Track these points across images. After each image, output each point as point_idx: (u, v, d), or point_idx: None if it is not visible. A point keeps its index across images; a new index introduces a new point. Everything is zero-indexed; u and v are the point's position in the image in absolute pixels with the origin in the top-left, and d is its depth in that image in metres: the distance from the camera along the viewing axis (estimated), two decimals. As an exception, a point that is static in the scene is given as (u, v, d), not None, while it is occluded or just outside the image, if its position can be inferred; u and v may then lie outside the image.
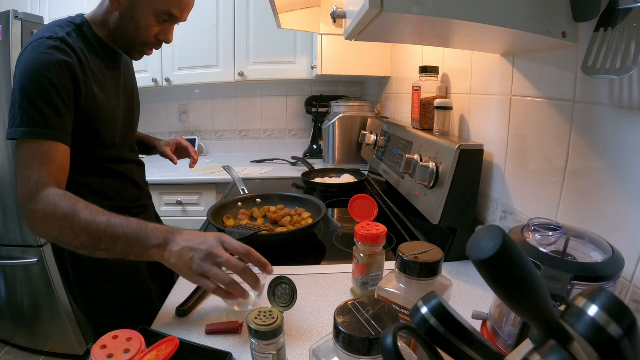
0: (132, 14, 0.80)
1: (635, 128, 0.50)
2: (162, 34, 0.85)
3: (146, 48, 0.87)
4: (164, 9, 0.80)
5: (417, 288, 0.48)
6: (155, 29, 0.83)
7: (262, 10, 2.05)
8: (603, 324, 0.21)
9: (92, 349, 0.43)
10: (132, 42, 0.85)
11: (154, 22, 0.82)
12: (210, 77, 2.16)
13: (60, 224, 0.64)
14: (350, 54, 1.78)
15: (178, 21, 0.85)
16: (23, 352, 1.88)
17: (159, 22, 0.82)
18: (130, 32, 0.82)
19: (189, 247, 0.62)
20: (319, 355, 0.37)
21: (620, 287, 0.52)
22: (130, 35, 0.83)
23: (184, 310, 0.67)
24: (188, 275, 0.61)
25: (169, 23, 0.84)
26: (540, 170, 0.71)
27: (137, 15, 0.80)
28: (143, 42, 0.85)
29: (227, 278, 0.59)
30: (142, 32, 0.82)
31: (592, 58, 0.51)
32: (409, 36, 0.78)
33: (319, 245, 1.01)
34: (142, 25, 0.81)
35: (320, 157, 2.21)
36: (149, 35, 0.83)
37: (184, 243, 0.63)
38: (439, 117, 1.00)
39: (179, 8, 0.81)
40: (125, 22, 0.81)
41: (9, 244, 1.69)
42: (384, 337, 0.28)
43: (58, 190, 0.68)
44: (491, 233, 0.23)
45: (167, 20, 0.83)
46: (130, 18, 0.81)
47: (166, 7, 0.80)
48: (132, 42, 0.85)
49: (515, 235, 0.49)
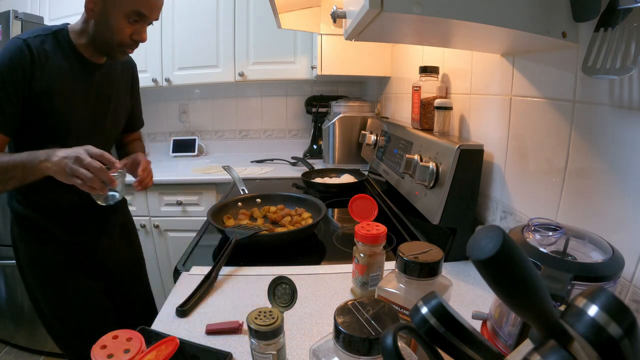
0: (105, 19, 0.87)
1: (635, 128, 0.50)
2: (135, 34, 0.91)
3: (124, 48, 0.93)
4: (132, 9, 0.86)
5: (417, 288, 0.48)
6: (128, 29, 0.89)
7: (262, 10, 2.05)
8: (603, 324, 0.21)
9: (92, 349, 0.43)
10: (109, 45, 0.91)
11: (125, 24, 0.88)
12: (210, 77, 2.16)
13: None
14: (350, 54, 1.78)
15: (149, 20, 0.91)
16: (23, 352, 1.88)
17: (131, 23, 0.89)
18: (106, 35, 0.89)
19: (63, 156, 0.79)
20: (319, 355, 0.37)
21: (620, 287, 0.52)
22: (107, 39, 0.90)
23: (183, 310, 0.67)
24: (64, 176, 0.79)
25: (140, 23, 0.90)
26: (540, 170, 0.71)
27: (109, 20, 0.87)
28: (119, 44, 0.91)
29: (88, 175, 0.78)
30: (116, 34, 0.89)
31: (592, 58, 0.51)
32: (409, 36, 0.78)
33: (319, 245, 1.01)
34: (115, 28, 0.88)
35: (320, 157, 2.21)
36: (123, 37, 0.89)
37: (61, 154, 0.80)
38: (439, 117, 1.00)
39: (147, 7, 0.87)
40: (101, 28, 0.89)
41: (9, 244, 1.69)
42: (384, 337, 0.28)
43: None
44: (491, 233, 0.23)
45: (137, 20, 0.89)
46: (105, 23, 0.88)
47: (134, 7, 0.86)
48: (109, 45, 0.91)
49: (515, 235, 0.49)
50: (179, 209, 1.91)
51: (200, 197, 1.90)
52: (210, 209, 1.07)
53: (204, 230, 1.10)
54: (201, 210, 1.89)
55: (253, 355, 0.51)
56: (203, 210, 1.89)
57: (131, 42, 0.92)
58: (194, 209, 1.91)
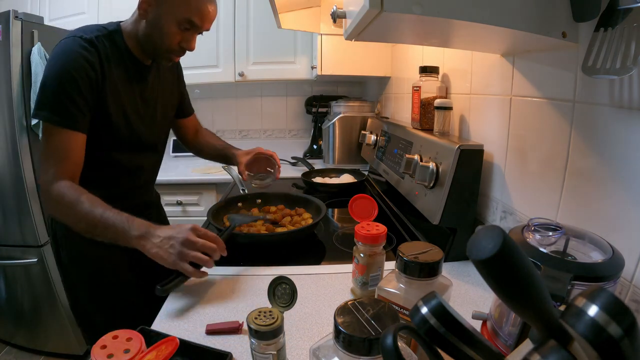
0: (157, 22, 0.86)
1: (635, 128, 0.50)
2: (184, 41, 0.90)
3: (171, 55, 0.92)
4: (185, 17, 0.85)
5: (417, 288, 0.48)
6: (177, 36, 0.88)
7: (262, 10, 2.05)
8: (603, 324, 0.21)
9: (92, 349, 0.43)
10: (157, 49, 0.90)
11: (176, 30, 0.87)
12: (210, 77, 2.16)
13: (66, 211, 0.79)
14: (350, 54, 1.78)
15: (200, 30, 0.90)
16: (23, 352, 1.87)
17: (181, 30, 0.88)
18: (156, 39, 0.88)
19: (167, 236, 0.73)
20: (319, 355, 0.37)
21: (620, 287, 0.52)
22: (155, 43, 0.89)
23: (164, 289, 0.68)
24: (169, 261, 0.71)
25: (190, 31, 0.89)
26: (540, 170, 0.71)
27: (161, 23, 0.86)
28: (167, 49, 0.90)
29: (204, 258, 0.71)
30: (165, 39, 0.87)
31: (592, 58, 0.51)
32: (409, 36, 0.78)
33: (319, 245, 1.01)
34: (166, 32, 0.86)
35: (320, 157, 2.21)
36: (172, 43, 0.88)
37: (163, 234, 0.74)
38: (439, 117, 1.00)
39: (199, 17, 0.87)
40: (151, 30, 0.87)
41: (8, 244, 1.69)
42: (384, 337, 0.28)
43: (68, 182, 0.81)
44: (491, 233, 0.23)
45: (188, 28, 0.88)
46: (156, 26, 0.86)
47: (187, 15, 0.85)
48: (157, 49, 0.90)
49: (515, 235, 0.49)
50: (179, 209, 1.91)
51: (200, 197, 1.90)
52: (210, 209, 1.07)
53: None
54: (201, 210, 1.89)
55: (253, 355, 0.51)
56: (203, 210, 1.89)
57: (179, 49, 0.91)
58: (194, 209, 1.91)
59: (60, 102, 0.80)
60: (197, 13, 0.86)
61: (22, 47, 1.54)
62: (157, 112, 1.04)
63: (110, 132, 0.90)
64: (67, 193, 0.79)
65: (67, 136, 0.81)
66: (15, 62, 1.52)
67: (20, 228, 1.67)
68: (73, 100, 0.80)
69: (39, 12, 2.06)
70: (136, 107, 0.96)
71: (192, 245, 0.71)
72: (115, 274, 1.00)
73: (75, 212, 0.78)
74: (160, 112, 1.06)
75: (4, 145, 1.58)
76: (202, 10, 0.87)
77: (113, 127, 0.90)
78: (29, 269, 1.70)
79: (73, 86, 0.80)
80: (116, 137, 0.92)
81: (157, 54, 0.92)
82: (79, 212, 0.77)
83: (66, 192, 0.79)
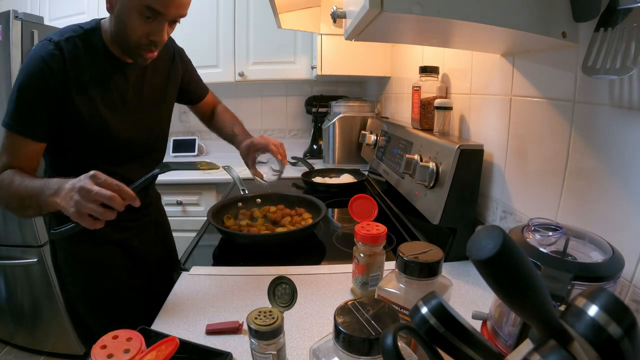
0: (121, 15, 0.79)
1: (636, 128, 0.50)
2: (152, 33, 0.81)
3: (142, 50, 0.84)
4: (144, 4, 0.77)
5: (417, 288, 0.48)
6: (143, 28, 0.80)
7: (262, 10, 2.05)
8: (603, 324, 0.21)
9: (92, 349, 0.43)
10: (126, 44, 0.83)
11: (140, 21, 0.79)
12: (210, 77, 2.14)
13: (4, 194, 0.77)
14: (350, 54, 1.78)
15: (166, 17, 0.81)
16: (23, 352, 1.87)
17: (145, 20, 0.80)
18: (123, 34, 0.82)
19: (69, 188, 0.68)
20: (319, 355, 0.37)
21: (620, 287, 0.52)
22: (123, 38, 0.82)
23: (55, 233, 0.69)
24: (70, 212, 0.67)
25: (157, 21, 0.81)
26: (540, 170, 0.71)
27: (124, 16, 0.79)
28: (136, 44, 0.82)
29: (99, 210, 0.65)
30: (131, 32, 0.80)
31: (592, 58, 0.51)
32: (409, 36, 0.78)
33: (319, 245, 1.01)
34: (131, 25, 0.80)
35: (320, 157, 2.21)
36: (139, 36, 0.81)
37: (68, 186, 0.68)
38: (439, 117, 1.00)
39: (160, 2, 0.77)
40: (118, 25, 0.81)
41: (9, 244, 1.69)
42: (384, 337, 0.28)
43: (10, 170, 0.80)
44: (491, 233, 0.23)
45: (150, 17, 0.79)
46: (121, 20, 0.80)
47: (146, 2, 0.77)
48: (126, 44, 0.83)
49: (515, 235, 0.49)
50: (179, 209, 1.91)
51: (200, 197, 1.90)
52: (210, 209, 1.07)
53: (204, 230, 1.10)
54: (201, 210, 1.89)
55: (253, 355, 0.51)
56: (203, 210, 1.89)
57: (148, 42, 0.82)
58: (194, 209, 1.91)
59: (19, 109, 0.80)
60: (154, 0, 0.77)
61: (22, 47, 1.54)
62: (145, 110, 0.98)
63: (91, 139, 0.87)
64: (5, 177, 0.78)
65: (23, 143, 0.81)
66: (15, 62, 1.52)
67: (20, 228, 1.67)
68: (32, 109, 0.80)
69: (39, 12, 2.06)
70: (117, 108, 0.90)
71: (88, 193, 0.65)
72: (112, 276, 0.99)
73: (9, 192, 0.76)
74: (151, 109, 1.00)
75: (4, 145, 1.58)
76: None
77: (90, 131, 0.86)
78: (29, 269, 1.70)
79: (33, 94, 0.79)
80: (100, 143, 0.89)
81: (129, 50, 0.85)
82: (12, 190, 0.75)
83: (4, 177, 0.78)
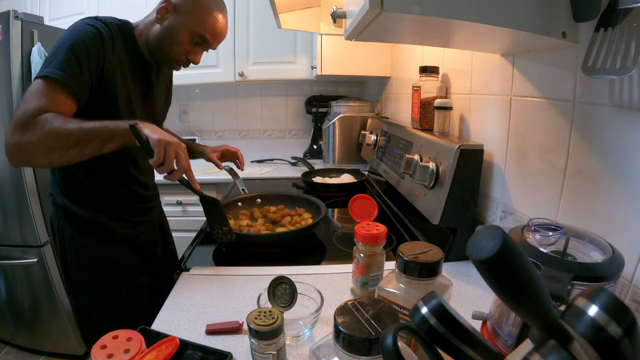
0: (171, 30, 0.90)
1: (636, 128, 0.50)
2: (191, 53, 0.94)
3: (176, 64, 0.95)
4: (198, 32, 0.90)
5: (417, 288, 0.48)
6: (187, 47, 0.92)
7: (262, 10, 2.05)
8: (603, 324, 0.21)
9: (92, 349, 0.43)
10: (165, 55, 0.93)
11: (187, 42, 0.91)
12: (210, 77, 2.16)
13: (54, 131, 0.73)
14: (350, 54, 1.77)
15: (209, 47, 0.95)
16: (23, 352, 1.87)
17: (192, 43, 0.92)
18: (166, 45, 0.91)
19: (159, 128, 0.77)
20: (319, 355, 0.37)
21: (620, 287, 0.52)
22: (165, 49, 0.92)
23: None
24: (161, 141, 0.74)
25: (200, 46, 0.94)
26: (540, 170, 0.71)
27: (175, 32, 0.90)
28: (174, 58, 0.93)
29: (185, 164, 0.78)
30: (175, 47, 0.91)
31: (592, 58, 0.51)
32: (409, 36, 0.78)
33: (319, 245, 1.01)
34: (177, 41, 0.90)
35: (320, 157, 2.21)
36: (180, 52, 0.92)
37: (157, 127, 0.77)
38: (439, 117, 1.00)
39: (212, 35, 0.92)
40: (164, 36, 0.91)
41: (9, 244, 1.69)
42: (384, 337, 0.28)
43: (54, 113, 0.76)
44: (491, 233, 0.23)
45: (199, 43, 0.93)
46: (169, 33, 0.90)
47: (201, 31, 0.90)
48: (165, 55, 0.93)
49: (515, 235, 0.49)
50: (179, 209, 1.91)
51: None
52: (210, 209, 1.06)
53: (204, 230, 1.10)
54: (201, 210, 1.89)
55: (253, 355, 0.51)
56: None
57: (185, 60, 0.94)
58: (194, 209, 1.91)
59: (69, 64, 0.78)
60: (211, 31, 0.91)
61: (22, 47, 1.54)
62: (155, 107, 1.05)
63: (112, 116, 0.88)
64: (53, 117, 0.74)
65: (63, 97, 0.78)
66: (15, 62, 1.52)
67: (20, 228, 1.67)
68: (80, 66, 0.79)
69: (39, 12, 2.06)
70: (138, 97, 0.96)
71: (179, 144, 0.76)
72: (122, 273, 0.99)
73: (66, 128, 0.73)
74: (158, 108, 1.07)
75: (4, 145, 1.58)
76: (216, 30, 0.93)
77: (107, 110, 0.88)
78: (29, 269, 1.70)
79: (84, 53, 0.80)
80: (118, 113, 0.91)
81: (163, 58, 0.94)
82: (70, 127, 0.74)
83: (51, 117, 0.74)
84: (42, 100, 0.75)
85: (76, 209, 0.94)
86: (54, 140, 0.73)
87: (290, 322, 0.57)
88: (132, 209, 1.03)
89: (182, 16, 0.89)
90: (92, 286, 0.97)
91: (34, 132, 0.73)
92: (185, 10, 0.89)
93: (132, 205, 1.02)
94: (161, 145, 0.74)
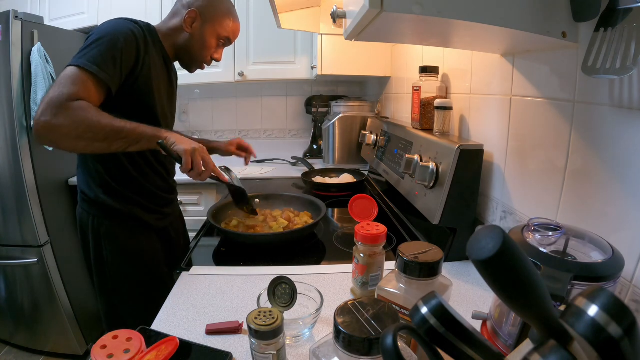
0: (201, 36, 1.01)
1: (636, 128, 0.50)
2: (216, 53, 1.08)
3: (203, 65, 1.08)
4: (224, 35, 1.05)
5: (417, 288, 0.48)
6: (213, 49, 1.05)
7: (262, 10, 2.05)
8: (603, 324, 0.21)
9: (92, 349, 0.43)
10: (194, 58, 1.05)
11: (215, 44, 1.05)
12: (210, 77, 2.16)
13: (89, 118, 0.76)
14: (350, 54, 1.77)
15: (228, 45, 1.10)
16: (23, 352, 1.87)
17: (218, 45, 1.06)
18: (196, 50, 1.03)
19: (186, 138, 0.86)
20: (319, 355, 0.37)
21: (620, 287, 0.52)
22: (194, 53, 1.03)
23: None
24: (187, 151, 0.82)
25: (223, 46, 1.08)
26: (540, 170, 0.71)
27: (205, 38, 1.01)
28: (203, 60, 1.06)
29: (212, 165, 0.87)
30: (205, 51, 1.04)
31: (592, 58, 0.51)
32: (409, 36, 0.78)
33: (319, 245, 1.01)
34: (207, 46, 1.03)
35: (320, 157, 2.21)
36: (208, 54, 1.05)
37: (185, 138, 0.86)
38: (439, 117, 1.00)
39: (233, 35, 1.08)
40: (194, 42, 1.02)
41: (9, 244, 1.69)
42: (384, 337, 0.28)
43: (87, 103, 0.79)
44: (491, 233, 0.23)
45: (224, 43, 1.07)
46: (199, 40, 1.01)
47: (227, 34, 1.05)
48: (194, 58, 1.05)
49: (515, 235, 0.49)
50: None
51: (200, 197, 1.90)
52: (210, 209, 1.07)
53: (204, 230, 1.10)
54: (201, 210, 1.89)
55: (253, 355, 0.51)
56: (203, 210, 1.88)
57: (210, 60, 1.07)
58: (194, 209, 1.91)
59: (104, 56, 0.81)
60: (232, 33, 1.07)
61: (22, 47, 1.54)
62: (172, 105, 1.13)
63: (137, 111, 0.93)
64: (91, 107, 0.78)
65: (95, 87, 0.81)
66: (15, 62, 1.52)
67: (20, 228, 1.67)
68: (114, 59, 0.83)
69: (39, 12, 2.05)
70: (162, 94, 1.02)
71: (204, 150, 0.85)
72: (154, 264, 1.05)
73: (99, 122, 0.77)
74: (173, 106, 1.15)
75: (4, 145, 1.58)
76: (236, 30, 1.08)
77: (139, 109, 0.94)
78: (29, 269, 1.70)
79: (119, 48, 0.84)
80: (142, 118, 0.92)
81: (193, 62, 1.06)
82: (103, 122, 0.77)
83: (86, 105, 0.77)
84: (77, 87, 0.78)
85: (112, 202, 0.97)
86: (85, 130, 0.76)
87: (290, 322, 0.57)
88: (162, 199, 1.08)
89: (210, 24, 1.00)
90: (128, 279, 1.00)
91: (67, 116, 0.75)
92: (210, 18, 1.00)
93: (162, 196, 1.08)
94: (188, 154, 0.82)
